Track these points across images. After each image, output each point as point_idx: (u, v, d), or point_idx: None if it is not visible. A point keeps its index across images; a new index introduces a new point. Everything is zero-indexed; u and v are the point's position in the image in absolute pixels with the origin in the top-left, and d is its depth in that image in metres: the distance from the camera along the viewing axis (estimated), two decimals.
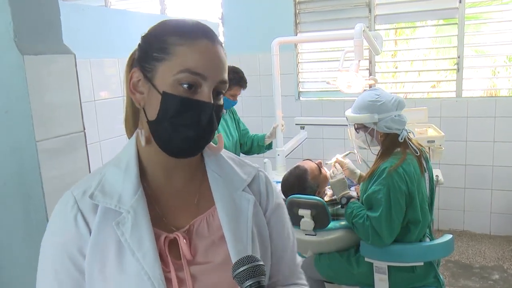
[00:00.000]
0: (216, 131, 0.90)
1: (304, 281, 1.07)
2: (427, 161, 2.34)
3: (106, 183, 0.87)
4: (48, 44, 1.44)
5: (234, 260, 0.85)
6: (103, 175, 0.88)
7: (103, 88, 3.10)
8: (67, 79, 1.49)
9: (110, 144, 3.14)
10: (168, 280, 0.82)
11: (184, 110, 0.82)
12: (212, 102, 0.83)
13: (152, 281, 0.80)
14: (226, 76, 0.86)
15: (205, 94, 0.82)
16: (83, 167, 1.54)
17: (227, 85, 0.88)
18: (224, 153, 1.00)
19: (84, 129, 1.54)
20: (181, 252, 0.86)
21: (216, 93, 0.85)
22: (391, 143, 2.24)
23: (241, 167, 0.99)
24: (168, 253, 0.85)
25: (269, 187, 1.01)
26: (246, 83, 2.94)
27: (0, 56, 1.35)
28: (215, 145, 0.97)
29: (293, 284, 1.03)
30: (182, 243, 0.86)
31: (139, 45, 0.88)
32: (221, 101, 0.89)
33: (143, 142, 0.88)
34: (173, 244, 0.87)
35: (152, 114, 0.84)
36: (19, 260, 1.47)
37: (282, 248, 1.01)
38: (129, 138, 0.94)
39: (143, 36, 0.88)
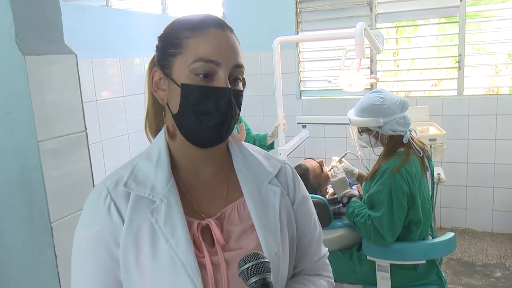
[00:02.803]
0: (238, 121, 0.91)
1: (330, 273, 1.09)
2: (429, 159, 2.34)
3: (139, 173, 0.89)
4: (50, 45, 1.44)
5: (265, 249, 0.88)
6: (134, 166, 0.91)
7: (104, 88, 3.10)
8: (69, 79, 1.49)
9: (112, 144, 3.14)
10: (202, 266, 0.84)
11: (203, 98, 0.84)
12: (230, 87, 0.85)
13: (185, 267, 0.82)
14: (240, 60, 0.88)
15: (221, 80, 0.85)
16: (85, 167, 1.55)
17: (244, 69, 0.89)
18: (250, 146, 1.02)
19: (86, 129, 1.54)
20: (214, 238, 0.88)
21: (234, 79, 0.87)
22: (395, 143, 2.23)
23: (267, 159, 1.01)
24: (201, 239, 0.87)
25: (296, 180, 1.03)
26: (244, 84, 2.93)
27: (1, 56, 1.35)
28: (237, 134, 0.99)
29: (318, 275, 1.05)
30: (215, 228, 0.88)
31: (156, 46, 0.91)
32: (240, 86, 0.90)
33: (168, 138, 0.91)
34: (206, 232, 0.89)
35: (175, 108, 0.87)
36: (22, 259, 1.48)
37: (309, 240, 1.03)
38: (152, 136, 0.97)
39: (158, 37, 0.91)
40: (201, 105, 0.84)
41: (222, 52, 0.85)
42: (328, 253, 1.11)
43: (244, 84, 0.92)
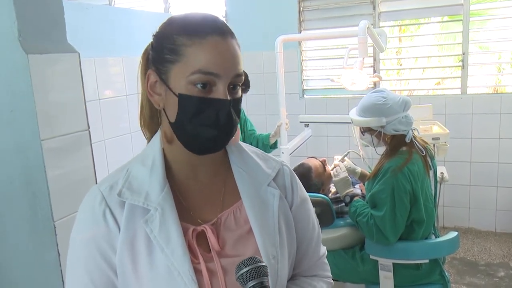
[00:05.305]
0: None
1: (328, 273, 1.08)
2: (432, 158, 2.33)
3: (133, 180, 0.87)
4: (53, 43, 1.45)
5: (263, 253, 0.87)
6: (129, 172, 0.89)
7: (107, 87, 3.11)
8: (72, 78, 1.49)
9: (115, 142, 3.15)
10: (198, 272, 0.83)
11: (202, 110, 0.82)
12: (229, 98, 0.83)
13: (182, 277, 0.81)
14: (240, 69, 0.85)
15: (220, 91, 0.82)
16: (88, 165, 1.55)
17: (243, 77, 0.86)
18: (247, 147, 1.00)
19: (89, 127, 1.55)
20: (209, 244, 0.87)
21: (233, 86, 0.84)
22: (397, 143, 2.23)
23: (265, 161, 0.99)
24: (196, 245, 0.86)
25: (294, 182, 1.01)
26: (249, 87, 2.93)
27: (4, 55, 1.36)
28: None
29: (315, 275, 1.05)
30: (210, 234, 0.87)
31: (152, 44, 0.88)
32: (239, 93, 0.87)
33: (164, 142, 0.89)
34: (202, 237, 0.88)
35: (172, 116, 0.85)
36: (25, 258, 1.48)
37: (308, 241, 1.02)
38: (148, 138, 0.95)
39: (154, 35, 0.88)
40: (199, 117, 0.82)
41: (223, 63, 0.81)
42: (326, 253, 1.10)
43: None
